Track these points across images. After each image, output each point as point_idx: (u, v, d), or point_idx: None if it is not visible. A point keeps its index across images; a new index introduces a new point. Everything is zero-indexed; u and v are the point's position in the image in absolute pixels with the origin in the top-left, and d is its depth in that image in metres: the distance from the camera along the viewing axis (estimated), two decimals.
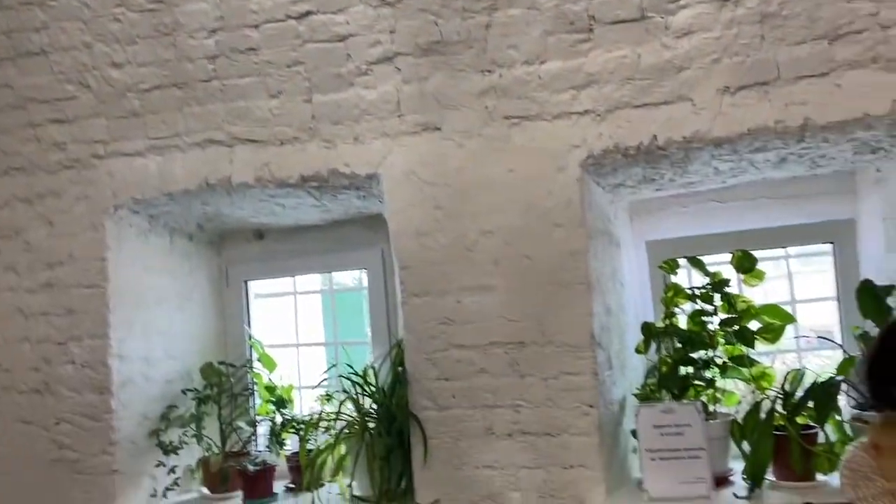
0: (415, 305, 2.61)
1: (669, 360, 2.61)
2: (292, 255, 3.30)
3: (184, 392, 3.05)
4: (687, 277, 2.87)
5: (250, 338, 3.30)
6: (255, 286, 3.43)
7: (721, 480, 2.47)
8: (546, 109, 2.49)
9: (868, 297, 2.27)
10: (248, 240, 3.37)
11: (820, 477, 2.39)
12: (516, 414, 2.51)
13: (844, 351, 2.52)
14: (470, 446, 2.54)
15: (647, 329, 2.66)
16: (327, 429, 2.74)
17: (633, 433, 2.56)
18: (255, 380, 3.20)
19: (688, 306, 2.67)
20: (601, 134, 2.44)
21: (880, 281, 2.39)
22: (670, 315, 2.66)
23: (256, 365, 3.23)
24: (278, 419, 3.07)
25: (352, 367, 2.74)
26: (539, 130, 2.50)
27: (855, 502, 1.71)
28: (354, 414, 2.68)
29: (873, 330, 2.35)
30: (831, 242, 2.80)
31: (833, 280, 2.82)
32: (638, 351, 2.71)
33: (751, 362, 2.56)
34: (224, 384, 3.07)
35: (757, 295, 2.69)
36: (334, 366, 3.02)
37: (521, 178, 2.52)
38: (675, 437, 2.42)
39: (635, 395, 2.69)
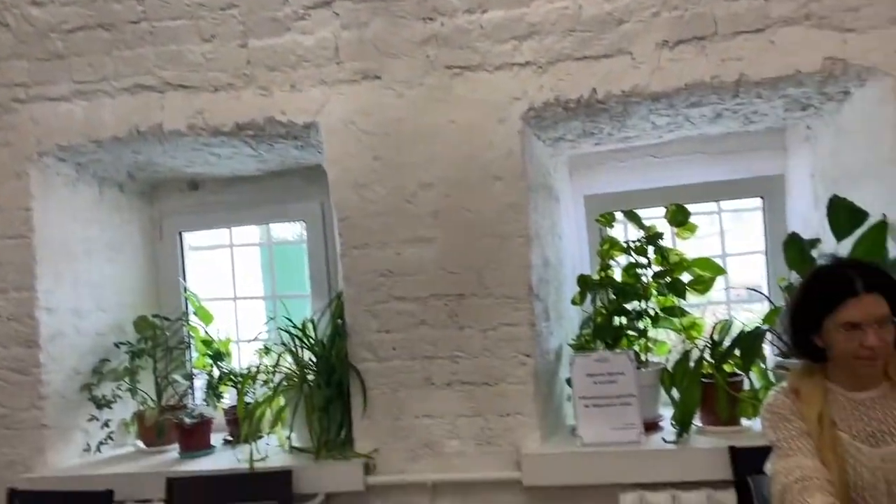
0: (354, 258, 2.60)
1: (604, 311, 2.67)
2: (228, 207, 3.22)
3: (117, 345, 2.98)
4: (623, 231, 2.92)
5: (185, 290, 3.23)
6: (190, 238, 3.34)
7: (651, 426, 2.56)
8: (488, 60, 2.47)
9: (794, 249, 2.35)
10: (182, 190, 3.27)
11: (744, 422, 2.50)
12: (455, 364, 2.54)
13: (770, 302, 2.62)
14: (409, 396, 2.56)
15: (584, 281, 2.71)
16: (266, 382, 2.72)
17: (568, 381, 2.62)
18: (191, 333, 3.15)
19: (623, 259, 2.72)
20: (542, 86, 2.44)
21: (806, 235, 2.48)
22: (606, 267, 2.70)
23: (192, 318, 3.17)
24: (215, 372, 3.03)
25: (290, 320, 2.71)
26: (480, 81, 2.48)
27: (775, 443, 1.78)
28: (293, 366, 2.67)
29: (798, 282, 2.45)
30: (761, 197, 2.88)
31: (762, 235, 2.91)
32: (574, 302, 2.76)
33: (682, 313, 2.64)
34: (159, 337, 3.01)
35: (690, 249, 2.75)
36: (272, 319, 2.99)
37: (462, 130, 2.50)
38: (607, 384, 2.49)
39: (571, 345, 2.75)
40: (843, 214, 2.27)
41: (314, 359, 2.67)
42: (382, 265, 2.57)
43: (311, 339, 2.68)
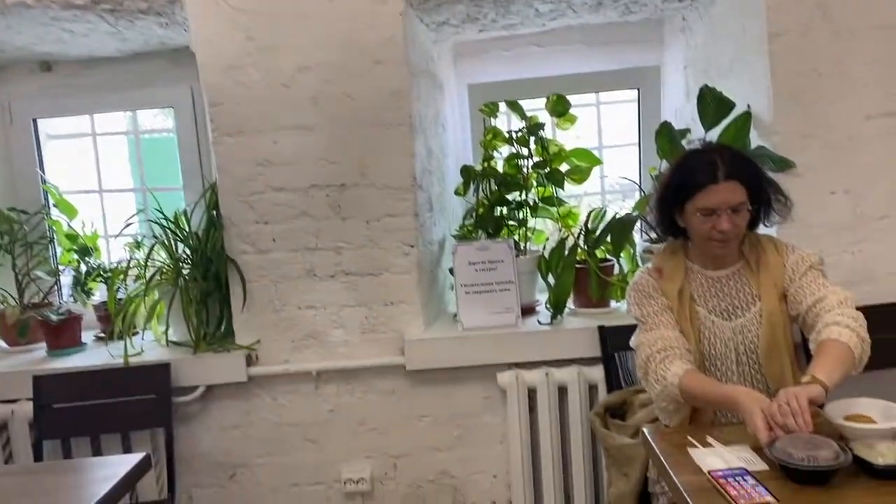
0: (228, 146, 2.48)
1: (486, 202, 2.70)
2: (88, 91, 2.95)
3: None
4: (507, 121, 2.92)
5: (44, 182, 2.99)
6: (47, 126, 3.07)
7: (528, 310, 2.67)
8: None
9: (665, 138, 2.44)
10: (34, 72, 2.97)
11: (613, 303, 2.65)
12: (338, 255, 2.52)
13: (641, 190, 2.73)
14: (291, 288, 2.53)
15: (467, 172, 2.72)
16: (138, 277, 2.60)
17: (451, 270, 2.66)
18: (53, 227, 2.94)
19: (506, 150, 2.74)
20: None
21: (678, 125, 2.58)
22: (489, 158, 2.72)
23: (54, 212, 2.96)
24: (83, 268, 2.87)
25: (162, 212, 2.58)
26: None
27: (639, 318, 1.91)
28: (167, 260, 2.57)
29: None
30: (637, 89, 2.95)
31: (636, 126, 2.99)
32: (457, 193, 2.77)
33: (559, 202, 2.71)
34: (16, 232, 2.79)
35: (568, 140, 2.80)
36: (141, 211, 2.83)
37: (341, 10, 2.38)
38: (488, 272, 2.55)
39: (454, 236, 2.78)
40: (711, 104, 2.36)
41: (189, 252, 2.57)
42: (259, 154, 2.47)
43: (184, 232, 2.57)
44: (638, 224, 2.60)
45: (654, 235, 2.06)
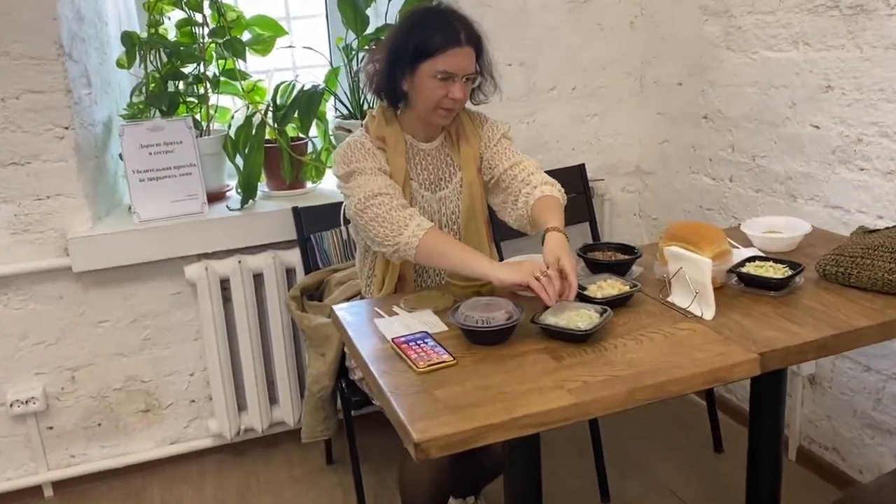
0: None
1: (157, 76, 2.38)
2: None
3: None
4: None
5: None
6: None
7: (217, 196, 2.47)
8: None
9: (348, 6, 2.31)
10: None
11: (309, 184, 2.54)
12: None
13: (330, 63, 2.60)
14: None
15: (130, 39, 2.35)
16: None
17: (122, 156, 2.34)
18: None
19: (176, 15, 2.41)
20: None
21: None
22: (156, 24, 2.37)
23: None
24: None
25: None
26: None
27: (357, 168, 1.71)
28: None
29: (354, 42, 2.46)
30: None
31: None
32: (120, 65, 2.40)
33: (243, 76, 2.48)
34: None
35: (250, 8, 2.54)
36: None
37: None
38: (164, 155, 2.29)
39: (122, 116, 2.43)
40: None
41: None
42: None
43: None
44: (332, 99, 2.50)
45: (345, 111, 1.92)
